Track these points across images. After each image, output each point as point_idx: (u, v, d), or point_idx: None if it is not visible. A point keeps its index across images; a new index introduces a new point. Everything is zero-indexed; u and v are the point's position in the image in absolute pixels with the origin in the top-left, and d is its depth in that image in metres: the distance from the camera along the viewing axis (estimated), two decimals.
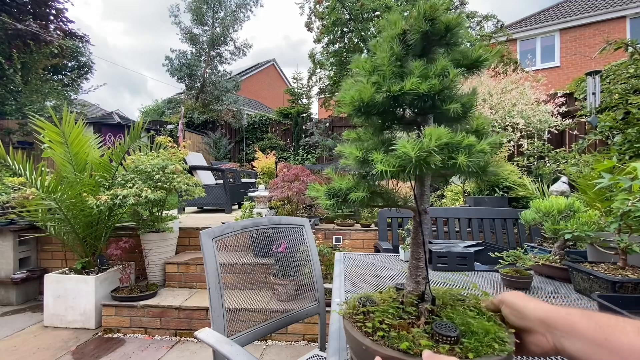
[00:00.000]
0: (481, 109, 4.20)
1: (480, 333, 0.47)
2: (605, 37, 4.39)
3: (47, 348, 2.45)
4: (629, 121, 3.29)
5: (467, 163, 0.44)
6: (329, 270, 2.68)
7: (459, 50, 0.56)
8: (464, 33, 0.56)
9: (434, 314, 0.54)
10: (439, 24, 0.53)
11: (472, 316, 0.52)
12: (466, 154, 0.44)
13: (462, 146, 0.45)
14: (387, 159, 0.48)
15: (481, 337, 0.47)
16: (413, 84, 0.51)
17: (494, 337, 0.47)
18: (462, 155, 0.44)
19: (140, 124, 2.99)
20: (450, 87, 0.52)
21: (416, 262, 0.60)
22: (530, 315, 0.49)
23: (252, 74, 19.18)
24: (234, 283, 1.25)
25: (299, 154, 9.58)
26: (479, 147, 0.45)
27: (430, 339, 0.47)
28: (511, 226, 2.18)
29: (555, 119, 4.46)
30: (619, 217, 0.96)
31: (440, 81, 0.51)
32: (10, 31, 8.11)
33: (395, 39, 0.55)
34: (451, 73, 0.51)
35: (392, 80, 0.53)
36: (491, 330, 0.48)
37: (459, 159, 0.44)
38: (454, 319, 0.51)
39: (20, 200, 3.02)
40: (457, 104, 0.52)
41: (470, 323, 0.49)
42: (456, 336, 0.46)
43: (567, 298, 0.98)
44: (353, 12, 8.44)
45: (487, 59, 0.55)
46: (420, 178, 0.59)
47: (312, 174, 3.61)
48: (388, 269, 1.34)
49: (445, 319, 0.51)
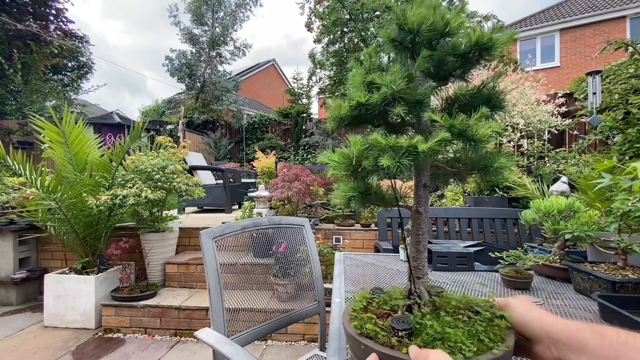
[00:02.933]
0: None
1: (455, 342, 0.46)
2: (605, 37, 4.39)
3: (47, 348, 2.45)
4: (629, 121, 3.29)
5: (392, 164, 0.48)
6: (329, 270, 2.68)
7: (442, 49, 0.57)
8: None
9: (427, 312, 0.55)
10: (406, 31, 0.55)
11: (458, 326, 0.50)
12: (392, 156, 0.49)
13: (384, 148, 0.50)
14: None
15: (452, 343, 0.46)
16: (367, 98, 0.55)
17: (461, 345, 0.46)
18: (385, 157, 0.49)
19: (140, 124, 2.99)
20: (406, 92, 0.53)
21: (413, 262, 0.60)
22: (534, 326, 0.48)
23: (252, 74, 19.18)
24: (234, 283, 1.25)
25: (299, 154, 9.58)
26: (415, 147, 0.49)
27: (389, 331, 0.50)
28: (511, 226, 2.18)
29: (555, 119, 4.45)
30: (619, 217, 0.96)
31: (391, 92, 0.53)
32: (11, 32, 8.11)
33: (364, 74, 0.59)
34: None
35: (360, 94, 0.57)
36: (464, 344, 0.46)
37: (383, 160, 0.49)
38: (433, 326, 0.50)
39: (20, 200, 3.02)
40: (402, 107, 0.53)
41: (449, 333, 0.47)
42: (408, 329, 0.48)
43: (567, 298, 0.98)
44: (353, 12, 8.44)
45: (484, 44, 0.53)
46: (416, 177, 0.60)
47: (312, 174, 3.61)
48: (388, 269, 1.34)
49: (427, 321, 0.51)
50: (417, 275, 0.59)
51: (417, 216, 0.60)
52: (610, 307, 0.77)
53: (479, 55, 0.55)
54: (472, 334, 0.47)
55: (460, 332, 0.47)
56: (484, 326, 0.49)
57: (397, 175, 0.50)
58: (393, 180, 0.59)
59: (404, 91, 0.53)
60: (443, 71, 0.58)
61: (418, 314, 0.53)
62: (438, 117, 0.50)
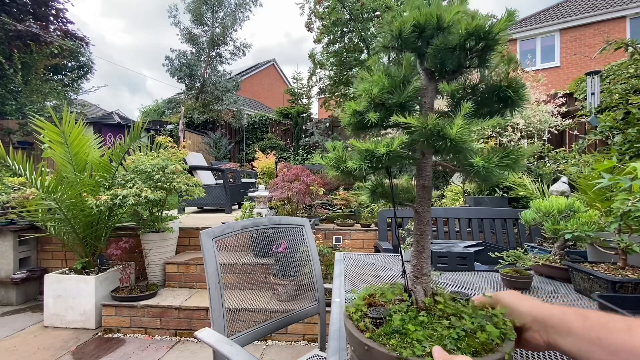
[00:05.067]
0: None
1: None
2: (605, 37, 4.38)
3: (47, 348, 2.45)
4: (629, 121, 3.28)
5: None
6: (329, 270, 2.68)
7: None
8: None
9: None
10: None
11: (436, 330, 0.50)
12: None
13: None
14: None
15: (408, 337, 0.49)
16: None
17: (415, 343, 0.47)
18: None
19: (140, 124, 2.99)
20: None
21: (414, 260, 0.61)
22: (524, 314, 0.51)
23: (252, 74, 19.19)
24: (234, 283, 1.25)
25: (299, 154, 9.59)
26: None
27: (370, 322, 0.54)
28: (511, 226, 2.18)
29: (555, 119, 4.45)
30: (619, 217, 0.96)
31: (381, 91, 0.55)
32: (11, 32, 8.11)
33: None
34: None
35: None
36: (418, 344, 0.47)
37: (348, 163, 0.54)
38: (397, 319, 0.52)
39: (20, 200, 3.02)
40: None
41: (408, 329, 0.49)
42: (379, 318, 0.53)
43: (567, 298, 0.98)
44: (353, 12, 8.43)
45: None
46: (417, 177, 0.60)
47: (312, 174, 3.61)
48: (388, 269, 1.34)
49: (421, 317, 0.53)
50: (415, 275, 0.60)
51: (416, 216, 0.60)
52: (610, 307, 0.77)
53: (478, 45, 0.52)
54: (440, 338, 0.48)
55: (421, 333, 0.48)
56: (462, 335, 0.48)
57: (366, 175, 0.55)
58: (391, 179, 0.61)
59: (380, 97, 0.55)
60: (444, 68, 0.56)
61: (400, 308, 0.55)
62: (412, 120, 0.49)
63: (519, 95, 0.54)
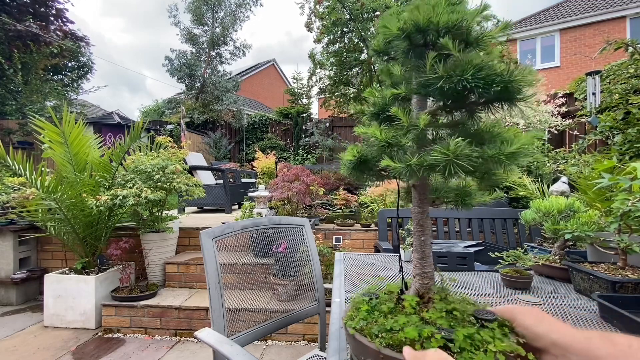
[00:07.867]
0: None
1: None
2: (605, 37, 4.39)
3: (47, 348, 2.45)
4: (629, 121, 3.28)
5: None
6: (329, 270, 2.68)
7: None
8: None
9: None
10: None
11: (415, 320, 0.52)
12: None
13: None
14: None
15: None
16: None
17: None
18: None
19: (140, 124, 2.99)
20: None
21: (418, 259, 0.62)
22: (543, 337, 0.47)
23: (252, 74, 19.19)
24: (234, 283, 1.25)
25: (299, 154, 9.58)
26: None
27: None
28: (511, 226, 2.18)
29: (556, 119, 4.46)
30: (619, 217, 0.96)
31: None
32: (11, 32, 8.11)
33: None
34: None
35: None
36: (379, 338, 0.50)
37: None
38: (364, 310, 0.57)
39: (20, 200, 3.02)
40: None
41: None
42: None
43: (567, 298, 0.98)
44: (353, 12, 8.42)
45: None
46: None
47: (312, 174, 3.61)
48: (388, 269, 1.34)
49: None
50: (415, 273, 0.60)
51: (417, 216, 0.61)
52: (610, 307, 0.77)
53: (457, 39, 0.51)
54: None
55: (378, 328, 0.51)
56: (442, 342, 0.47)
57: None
58: (398, 181, 0.62)
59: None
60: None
61: (386, 306, 0.57)
62: (371, 130, 0.56)
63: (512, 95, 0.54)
